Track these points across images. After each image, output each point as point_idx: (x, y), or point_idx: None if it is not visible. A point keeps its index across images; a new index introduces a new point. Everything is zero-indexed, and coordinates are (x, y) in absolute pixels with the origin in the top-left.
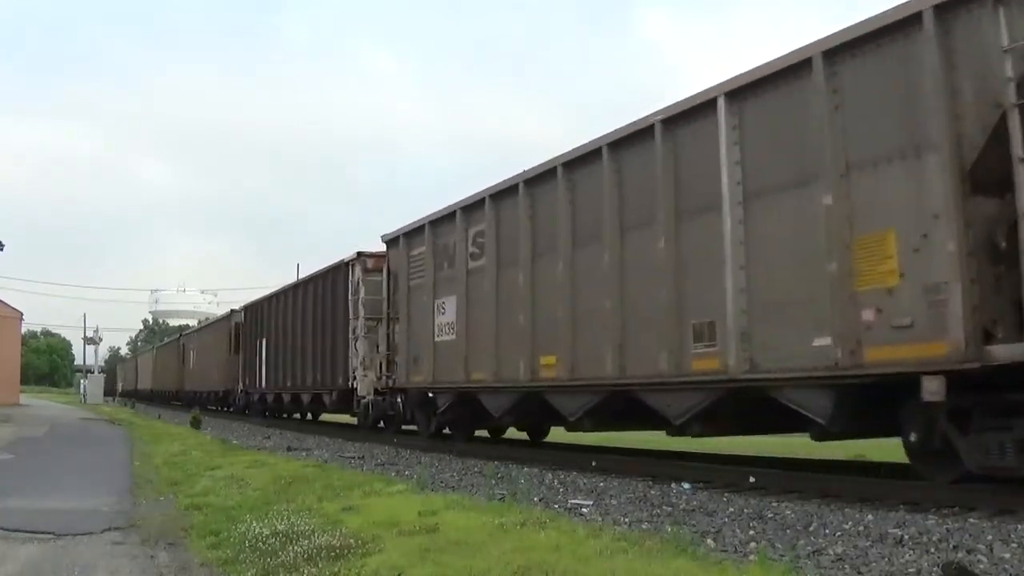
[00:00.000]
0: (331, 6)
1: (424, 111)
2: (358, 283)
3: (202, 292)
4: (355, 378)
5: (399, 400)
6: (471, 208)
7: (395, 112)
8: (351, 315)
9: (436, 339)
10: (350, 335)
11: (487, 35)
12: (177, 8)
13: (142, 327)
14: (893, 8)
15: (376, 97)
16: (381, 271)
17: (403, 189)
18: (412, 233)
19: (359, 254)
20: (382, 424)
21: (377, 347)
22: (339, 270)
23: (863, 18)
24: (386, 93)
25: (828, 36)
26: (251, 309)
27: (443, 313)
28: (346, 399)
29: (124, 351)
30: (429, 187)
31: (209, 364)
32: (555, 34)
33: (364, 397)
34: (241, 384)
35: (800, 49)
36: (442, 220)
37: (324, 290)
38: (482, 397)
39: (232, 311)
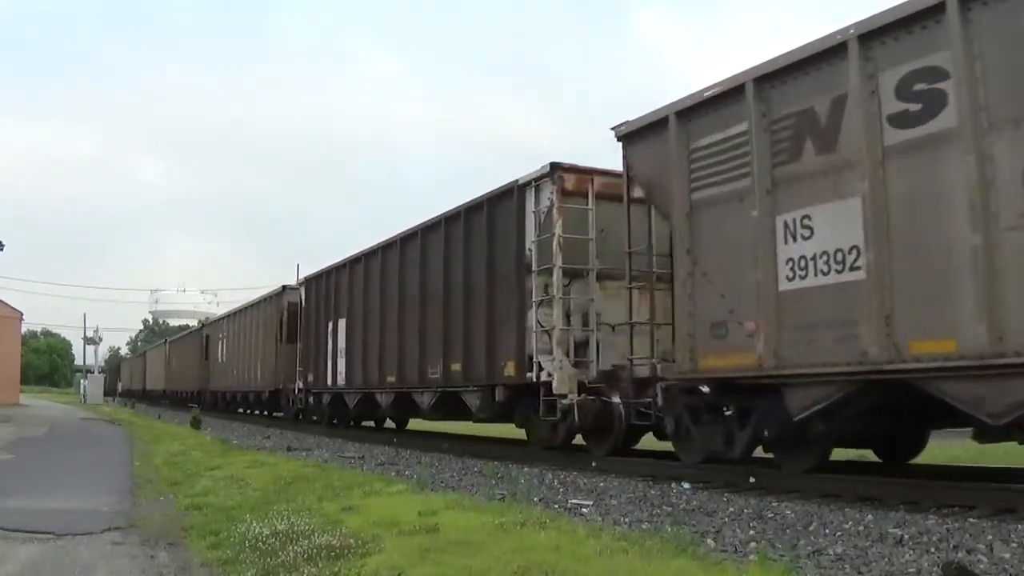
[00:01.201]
0: (331, 6)
1: (424, 111)
2: (549, 214)
3: (202, 292)
4: (539, 367)
5: (622, 401)
6: (892, 30)
7: (395, 112)
8: (533, 265)
9: (783, 286)
10: (527, 299)
11: (487, 35)
12: (177, 8)
13: (142, 327)
14: None
15: (376, 97)
16: (585, 195)
17: (403, 189)
18: (697, 109)
19: (553, 167)
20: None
21: (568, 317)
22: (504, 199)
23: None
24: (386, 93)
25: None
26: (318, 281)
27: (805, 237)
28: (517, 400)
29: (124, 351)
30: (429, 186)
31: (248, 358)
32: (555, 34)
33: (564, 397)
34: (300, 382)
35: None
36: (793, 68)
37: (471, 233)
38: (946, 386)
39: (285, 287)
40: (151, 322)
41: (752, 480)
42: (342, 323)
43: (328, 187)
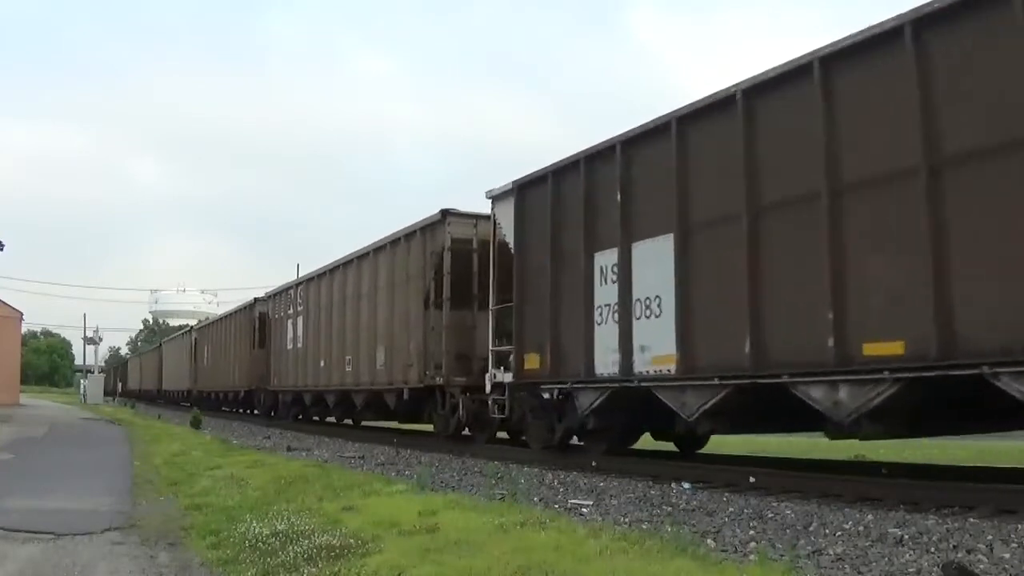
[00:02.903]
0: (328, 7)
1: (423, 112)
2: None
3: (202, 292)
4: None
5: None
6: None
7: (394, 113)
8: None
9: None
10: None
11: (487, 36)
12: (177, 11)
13: (142, 327)
14: None
15: (374, 98)
16: None
17: (402, 189)
18: None
19: None
20: None
21: None
22: None
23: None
24: (384, 94)
25: None
26: (557, 183)
27: None
28: None
29: (124, 351)
30: (428, 187)
31: (350, 339)
32: (555, 36)
33: None
34: (498, 373)
35: None
36: None
37: None
38: None
39: (446, 212)
40: (151, 322)
41: (752, 480)
42: (644, 250)
43: (327, 187)
